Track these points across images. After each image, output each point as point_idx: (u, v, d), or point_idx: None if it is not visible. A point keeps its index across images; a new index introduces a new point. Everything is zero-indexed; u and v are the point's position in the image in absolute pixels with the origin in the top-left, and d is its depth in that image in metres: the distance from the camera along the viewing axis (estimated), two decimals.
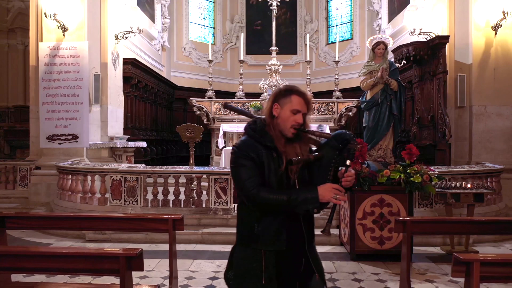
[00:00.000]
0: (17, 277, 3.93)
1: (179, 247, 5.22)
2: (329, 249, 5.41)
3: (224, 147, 9.06)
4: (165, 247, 3.72)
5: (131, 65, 9.84)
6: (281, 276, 1.99)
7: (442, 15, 8.42)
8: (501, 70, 7.80)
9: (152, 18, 11.93)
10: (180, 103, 13.75)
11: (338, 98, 9.86)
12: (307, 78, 10.57)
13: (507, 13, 7.51)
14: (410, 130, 9.06)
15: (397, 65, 7.83)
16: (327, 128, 8.98)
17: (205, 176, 6.12)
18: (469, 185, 5.29)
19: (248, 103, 9.86)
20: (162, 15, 12.85)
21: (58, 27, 7.50)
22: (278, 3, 10.55)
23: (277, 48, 10.42)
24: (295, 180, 2.01)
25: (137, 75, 10.36)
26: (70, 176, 6.62)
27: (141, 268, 2.47)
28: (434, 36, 8.15)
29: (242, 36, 12.39)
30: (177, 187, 6.14)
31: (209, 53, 10.31)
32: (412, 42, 8.23)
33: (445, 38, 7.90)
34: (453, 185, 5.31)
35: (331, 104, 9.72)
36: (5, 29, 12.27)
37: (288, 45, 14.83)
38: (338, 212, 5.75)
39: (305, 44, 13.28)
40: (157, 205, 6.10)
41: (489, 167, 6.43)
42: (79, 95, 7.56)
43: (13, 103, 12.31)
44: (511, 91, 7.82)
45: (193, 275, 4.44)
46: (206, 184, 6.20)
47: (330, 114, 9.64)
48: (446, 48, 7.97)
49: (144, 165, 6.93)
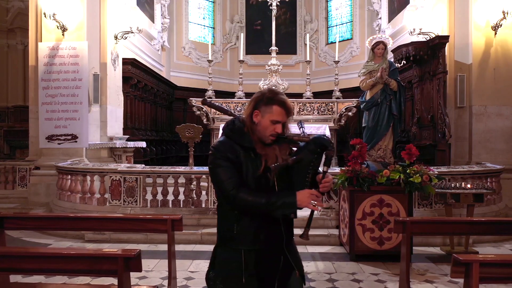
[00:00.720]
0: (16, 278, 3.92)
1: (179, 247, 5.21)
2: (328, 249, 5.40)
3: None
4: (165, 247, 3.71)
5: (130, 65, 9.83)
6: (260, 274, 1.99)
7: (442, 15, 8.41)
8: (501, 70, 7.80)
9: (151, 18, 11.92)
10: (180, 103, 13.74)
11: (338, 98, 9.83)
12: (307, 78, 10.56)
13: (507, 13, 7.50)
14: (410, 130, 9.06)
15: (397, 65, 7.84)
16: (326, 129, 8.95)
17: (204, 176, 6.10)
18: (468, 185, 5.28)
19: (247, 103, 9.82)
20: (161, 15, 12.84)
21: (58, 27, 7.49)
22: (278, 3, 10.53)
23: (277, 48, 10.40)
24: (274, 182, 2.00)
25: (136, 75, 10.35)
26: (69, 176, 6.61)
27: (139, 269, 2.46)
28: (434, 36, 8.15)
29: (242, 36, 12.37)
30: (176, 187, 6.13)
31: (209, 53, 10.30)
32: (412, 42, 8.23)
33: (445, 38, 7.90)
34: (452, 185, 5.30)
35: (330, 104, 9.69)
36: (5, 29, 12.26)
37: (288, 45, 14.81)
38: (338, 212, 5.74)
39: (305, 44, 13.27)
40: (156, 205, 6.09)
41: (489, 167, 6.42)
42: (78, 95, 7.55)
43: (12, 103, 12.30)
44: (511, 91, 7.82)
45: (192, 275, 4.43)
46: (206, 184, 6.20)
47: (330, 114, 9.62)
48: (446, 48, 7.97)
49: (143, 165, 6.92)
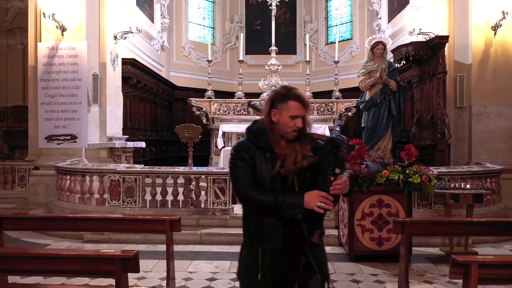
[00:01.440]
0: (14, 279, 3.91)
1: (178, 247, 5.21)
2: (328, 249, 5.30)
3: (223, 147, 9.03)
4: (164, 247, 3.70)
5: (130, 65, 9.81)
6: (277, 274, 1.99)
7: (442, 15, 8.41)
8: (500, 70, 7.78)
9: (151, 18, 11.91)
10: (180, 103, 13.74)
11: (337, 98, 9.83)
12: (307, 78, 10.56)
13: (507, 13, 7.49)
14: (410, 130, 9.05)
15: (396, 65, 7.84)
16: (326, 129, 8.95)
17: (203, 176, 6.09)
18: (468, 186, 5.27)
19: (247, 103, 9.84)
20: (161, 15, 12.83)
21: (57, 27, 7.49)
22: (278, 3, 10.53)
23: (276, 48, 10.40)
24: (293, 183, 2.00)
25: (136, 75, 10.34)
26: (68, 177, 6.60)
27: (137, 270, 2.46)
28: (433, 36, 8.14)
29: (242, 36, 12.37)
30: (175, 187, 6.12)
31: (209, 53, 10.30)
32: (412, 42, 8.22)
33: (445, 38, 7.89)
34: (452, 185, 5.29)
35: (330, 104, 9.69)
36: (4, 29, 12.26)
37: (287, 45, 14.80)
38: (337, 212, 5.74)
39: (305, 44, 13.27)
40: (156, 206, 6.08)
41: (489, 167, 6.41)
42: (77, 95, 7.55)
43: (12, 103, 12.29)
44: (511, 91, 7.81)
45: (191, 276, 4.43)
46: (205, 184, 6.18)
47: (329, 114, 9.62)
48: (446, 48, 7.96)
49: (142, 165, 6.91)
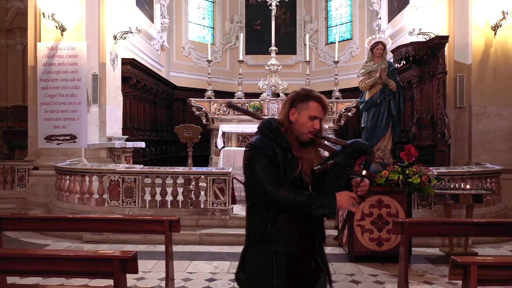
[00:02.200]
0: (13, 279, 3.91)
1: (177, 248, 5.20)
2: (327, 250, 5.34)
3: (223, 147, 9.01)
4: (163, 248, 3.70)
5: (130, 65, 9.81)
6: (291, 276, 1.98)
7: (442, 15, 8.40)
8: (500, 70, 7.77)
9: (151, 18, 11.90)
10: (180, 103, 13.73)
11: (337, 98, 9.83)
12: (307, 78, 10.56)
13: (507, 13, 7.48)
14: (410, 131, 9.04)
15: (396, 65, 7.82)
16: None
17: (203, 176, 6.09)
18: (468, 186, 5.26)
19: (247, 103, 9.84)
20: (161, 15, 12.82)
21: (56, 27, 7.48)
22: (278, 3, 10.52)
23: (276, 48, 10.39)
24: (308, 184, 2.01)
25: (136, 75, 10.33)
26: (68, 177, 6.59)
27: (135, 270, 2.45)
28: (433, 36, 8.13)
29: (242, 36, 12.37)
30: (175, 187, 6.11)
31: (209, 53, 10.30)
32: (412, 42, 8.21)
33: (445, 38, 7.88)
34: (452, 186, 5.28)
35: (330, 104, 9.68)
36: (4, 29, 12.24)
37: (287, 45, 14.79)
38: (337, 213, 5.72)
39: (305, 44, 13.26)
40: (155, 206, 6.08)
41: (489, 167, 6.40)
42: (77, 95, 7.54)
43: (12, 103, 12.28)
44: (511, 91, 7.79)
45: (190, 276, 4.42)
46: (204, 184, 6.18)
47: (329, 114, 9.61)
48: (446, 48, 7.95)
49: (142, 165, 6.91)
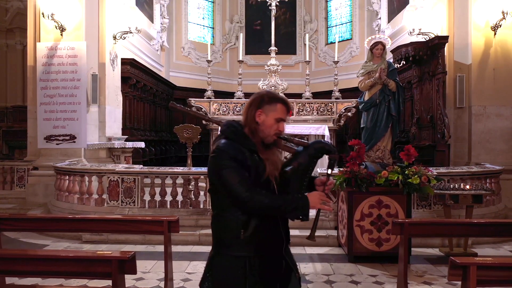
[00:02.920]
0: (12, 280, 3.90)
1: (176, 248, 5.19)
2: (327, 250, 5.39)
3: None
4: (162, 248, 3.69)
5: (129, 65, 9.80)
6: (264, 280, 1.97)
7: (442, 15, 8.39)
8: (500, 71, 7.77)
9: (151, 18, 11.89)
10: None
11: (337, 98, 9.81)
12: (306, 78, 10.54)
13: (507, 13, 7.48)
14: (410, 131, 9.03)
15: (396, 65, 7.81)
16: (326, 129, 8.93)
17: (202, 177, 6.08)
18: (467, 186, 5.25)
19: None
20: (161, 15, 12.82)
21: (56, 27, 7.47)
22: (278, 3, 10.50)
23: (276, 48, 10.38)
24: (274, 186, 2.01)
25: (135, 75, 10.32)
26: (67, 177, 6.59)
27: (133, 271, 2.45)
28: (433, 36, 8.12)
29: (242, 36, 12.34)
30: (174, 188, 6.11)
31: (208, 53, 10.28)
32: (412, 42, 8.20)
33: (445, 38, 7.87)
34: (451, 186, 5.28)
35: (330, 104, 9.67)
36: (4, 29, 12.25)
37: (287, 45, 14.78)
38: (336, 213, 5.73)
39: (305, 44, 13.22)
40: (155, 206, 6.07)
41: (488, 168, 6.39)
42: (77, 95, 7.54)
43: (11, 103, 12.29)
44: (511, 91, 7.79)
45: (189, 277, 4.42)
46: (204, 184, 6.18)
47: (329, 115, 9.59)
48: (446, 48, 7.94)
49: (141, 165, 6.90)
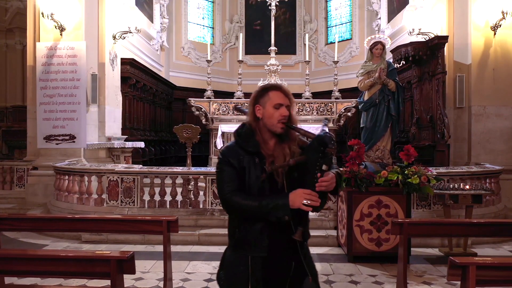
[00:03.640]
0: (11, 279, 3.90)
1: (176, 248, 5.19)
2: (326, 250, 5.38)
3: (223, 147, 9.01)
4: (162, 248, 3.69)
5: (129, 65, 9.78)
6: (268, 281, 1.95)
7: (441, 15, 8.39)
8: (500, 71, 7.76)
9: (150, 18, 11.88)
10: (179, 103, 13.70)
11: (337, 98, 9.81)
12: (306, 78, 10.55)
13: (506, 13, 7.48)
14: (409, 131, 9.02)
15: (396, 65, 7.81)
16: (325, 129, 8.91)
17: (202, 176, 6.08)
18: (467, 186, 5.25)
19: (246, 103, 9.81)
20: (160, 15, 12.81)
21: (56, 27, 7.47)
22: (277, 3, 10.51)
23: (276, 48, 10.38)
24: (283, 184, 1.94)
25: (135, 75, 10.31)
26: (67, 177, 6.58)
27: (132, 271, 2.44)
28: (433, 36, 8.11)
29: (241, 36, 12.35)
30: (174, 188, 6.10)
31: (208, 53, 10.29)
32: (411, 42, 8.20)
33: (444, 38, 7.86)
34: (451, 186, 5.28)
35: (330, 104, 9.68)
36: (4, 29, 12.27)
37: (287, 45, 14.78)
38: (336, 213, 5.72)
39: (304, 44, 13.22)
40: (154, 206, 6.07)
41: (488, 168, 6.39)
42: (76, 95, 7.54)
43: (11, 103, 12.30)
44: (511, 91, 7.79)
45: (188, 277, 4.41)
46: (203, 184, 6.17)
47: (329, 115, 9.60)
48: (445, 48, 7.94)
49: (141, 165, 6.90)
